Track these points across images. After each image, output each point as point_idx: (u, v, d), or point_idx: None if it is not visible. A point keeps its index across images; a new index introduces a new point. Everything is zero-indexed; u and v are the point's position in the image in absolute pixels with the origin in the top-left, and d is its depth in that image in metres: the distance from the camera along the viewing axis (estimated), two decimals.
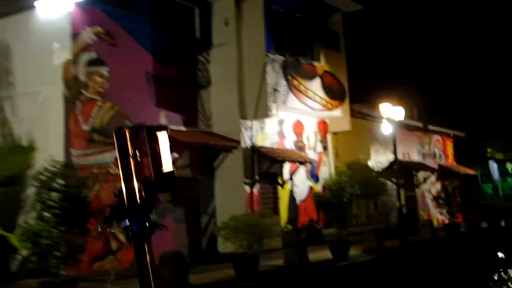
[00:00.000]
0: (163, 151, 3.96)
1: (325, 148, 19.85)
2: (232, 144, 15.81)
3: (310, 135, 19.21)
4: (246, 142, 16.43)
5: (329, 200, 14.86)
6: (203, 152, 15.95)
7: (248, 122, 16.58)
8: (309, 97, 17.98)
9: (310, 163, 18.49)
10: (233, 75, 16.36)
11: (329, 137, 20.10)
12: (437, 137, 29.43)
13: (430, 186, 27.47)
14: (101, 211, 13.08)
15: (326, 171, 19.68)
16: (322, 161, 19.72)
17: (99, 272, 12.76)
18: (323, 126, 19.95)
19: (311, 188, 18.87)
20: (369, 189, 20.44)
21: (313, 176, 19.10)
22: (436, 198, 21.25)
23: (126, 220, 3.83)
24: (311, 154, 19.12)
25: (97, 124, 13.28)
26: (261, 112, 16.23)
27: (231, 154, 16.20)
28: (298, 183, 18.30)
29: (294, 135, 18.49)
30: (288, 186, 17.85)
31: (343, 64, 20.00)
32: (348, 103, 19.83)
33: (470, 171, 30.63)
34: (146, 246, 3.75)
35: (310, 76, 18.16)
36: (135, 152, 3.87)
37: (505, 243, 19.69)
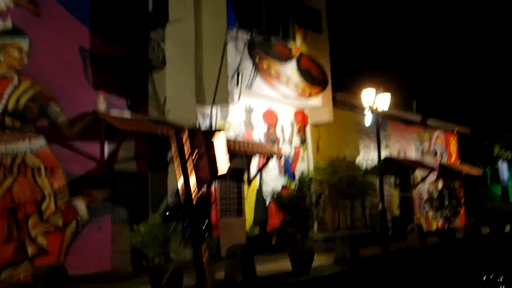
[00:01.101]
0: (219, 154, 4.86)
1: (303, 141, 17.56)
2: None
3: (286, 127, 16.94)
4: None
5: (290, 201, 12.59)
6: (154, 144, 13.76)
7: (208, 110, 14.36)
8: (282, 83, 15.71)
9: (281, 157, 16.19)
10: (191, 55, 14.11)
11: (308, 130, 17.80)
12: (438, 133, 27.00)
13: (430, 187, 25.08)
14: (14, 209, 11.04)
15: (304, 168, 17.36)
16: (300, 156, 17.41)
17: (9, 281, 10.66)
18: (302, 117, 17.66)
19: (284, 187, 16.58)
20: (353, 189, 18.12)
21: (288, 173, 16.81)
22: (428, 200, 18.81)
23: (184, 220, 4.84)
24: (286, 148, 16.86)
25: (11, 106, 11.15)
26: (220, 97, 13.98)
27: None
28: (269, 181, 16.05)
29: (266, 126, 16.22)
30: (256, 183, 15.59)
31: (325, 47, 17.68)
32: (330, 91, 17.52)
33: (476, 171, 28.14)
34: (202, 243, 4.71)
35: (283, 58, 15.89)
36: (192, 154, 4.72)
37: (505, 251, 17.26)
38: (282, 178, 16.56)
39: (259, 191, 15.63)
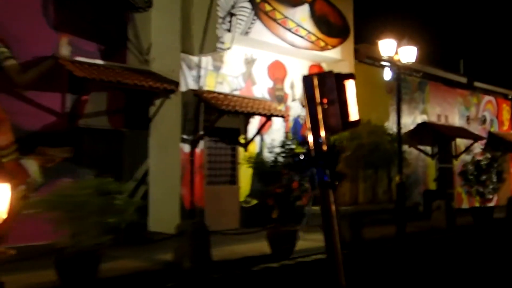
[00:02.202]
0: (350, 99, 4.78)
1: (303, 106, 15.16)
2: (167, 86, 11.52)
3: (296, 83, 14.59)
4: (188, 84, 12.14)
5: (267, 169, 10.43)
6: (133, 97, 11.83)
7: (195, 59, 12.24)
8: (289, 29, 13.33)
9: (288, 117, 13.93)
10: None
11: None
12: (489, 98, 23.90)
13: (474, 158, 22.21)
14: None
15: None
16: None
17: None
18: (317, 71, 15.23)
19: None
20: (377, 157, 15.71)
21: (298, 136, 14.52)
22: (462, 173, 16.16)
23: (313, 168, 4.65)
24: (296, 107, 14.56)
25: None
26: (209, 44, 11.82)
27: (168, 101, 11.95)
28: (272, 145, 13.82)
29: (271, 81, 13.94)
30: (254, 148, 13.44)
31: None
32: (352, 43, 15.00)
33: None
34: (332, 193, 4.62)
35: (293, 1, 13.46)
36: (322, 99, 4.67)
37: None
38: (289, 142, 14.27)
39: (258, 156, 13.46)
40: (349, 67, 14.84)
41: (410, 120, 18.79)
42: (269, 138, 13.71)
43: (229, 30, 11.88)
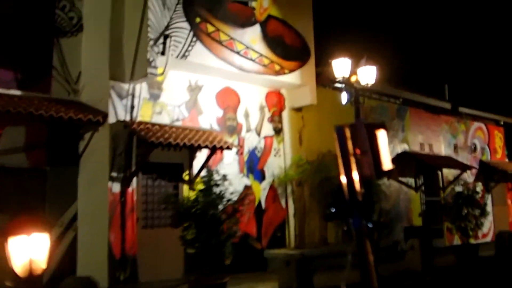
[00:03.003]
0: (382, 149, 4.88)
1: (278, 131, 13.74)
2: (92, 117, 10.11)
3: (252, 111, 13.19)
4: (119, 115, 10.74)
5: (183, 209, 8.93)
6: (58, 130, 10.43)
7: (128, 86, 10.89)
8: (237, 52, 11.98)
9: (230, 149, 12.45)
10: (106, 14, 10.71)
11: (286, 116, 13.95)
12: (478, 124, 22.36)
13: (464, 190, 20.59)
14: None
15: (280, 164, 13.55)
16: (273, 149, 13.61)
17: None
18: (277, 99, 13.86)
19: (247, 188, 12.84)
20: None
21: (254, 170, 13.05)
22: (443, 208, 14.57)
23: (348, 217, 4.77)
24: (252, 139, 13.11)
25: None
26: (139, 69, 10.47)
27: (97, 134, 10.54)
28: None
29: (220, 109, 12.53)
30: (201, 185, 11.91)
31: (306, 8, 13.81)
32: (313, 65, 13.62)
33: None
34: (369, 243, 4.65)
35: (240, 21, 12.16)
36: (355, 149, 4.79)
37: None
38: (244, 177, 12.79)
39: (208, 193, 11.93)
40: (310, 93, 13.47)
41: (389, 149, 17.21)
42: (220, 174, 12.19)
43: (162, 53, 10.52)
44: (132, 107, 10.89)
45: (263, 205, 13.06)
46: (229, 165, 12.40)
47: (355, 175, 4.89)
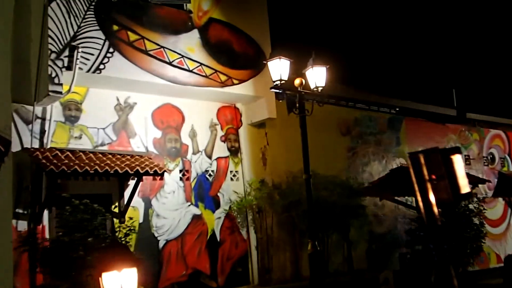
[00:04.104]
0: (459, 173, 4.93)
1: (234, 151, 12.04)
2: None
3: (200, 130, 11.56)
4: (24, 142, 9.28)
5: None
6: None
7: (37, 109, 9.46)
8: (168, 62, 10.42)
9: (188, 176, 10.79)
10: (6, 31, 9.34)
11: (243, 133, 12.25)
12: (496, 132, 20.03)
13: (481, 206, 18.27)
14: None
15: (238, 189, 11.81)
16: (229, 172, 11.91)
17: None
18: (232, 115, 12.21)
19: (196, 218, 11.14)
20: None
21: (205, 198, 11.35)
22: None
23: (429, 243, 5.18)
24: (202, 161, 11.45)
25: None
26: (42, 88, 9.03)
27: (3, 166, 9.06)
28: (166, 211, 10.70)
29: (158, 130, 10.95)
30: (138, 216, 10.31)
31: (260, 8, 12.19)
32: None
33: None
34: (451, 268, 4.74)
35: (173, 27, 10.64)
36: (431, 175, 4.89)
37: None
38: (192, 206, 11.10)
39: (145, 228, 10.32)
40: (268, 105, 11.74)
41: (380, 167, 15.25)
42: (160, 202, 10.57)
43: (68, 68, 9.05)
44: (43, 132, 9.41)
45: (218, 237, 11.31)
46: (171, 193, 10.75)
47: (433, 200, 4.96)
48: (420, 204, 5.04)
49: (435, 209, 4.98)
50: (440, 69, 19.15)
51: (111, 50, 9.66)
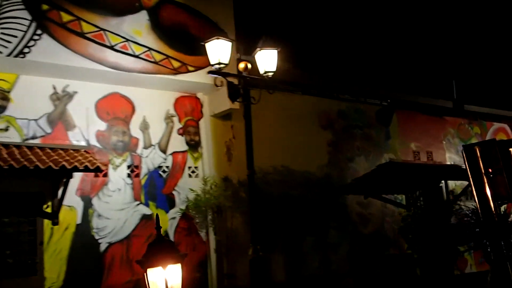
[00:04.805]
0: None
1: (194, 145, 10.97)
2: None
3: (153, 122, 10.50)
4: None
5: None
6: None
7: None
8: (110, 46, 9.37)
9: (136, 172, 9.75)
10: None
11: (205, 125, 11.17)
12: (500, 125, 18.65)
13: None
14: None
15: (197, 186, 10.72)
16: (187, 168, 10.84)
17: None
18: (192, 106, 11.13)
19: (146, 217, 10.08)
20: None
21: (157, 196, 10.30)
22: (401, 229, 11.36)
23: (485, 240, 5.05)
24: (155, 156, 10.39)
25: None
26: None
27: None
28: (108, 211, 9.67)
29: (103, 122, 9.92)
30: (75, 217, 9.29)
31: None
32: (234, 60, 10.77)
33: None
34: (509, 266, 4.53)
35: (117, 8, 9.59)
36: (487, 169, 4.74)
37: None
38: (141, 205, 10.05)
39: (84, 230, 9.29)
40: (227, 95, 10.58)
41: (367, 163, 14.04)
42: (102, 201, 9.55)
43: None
44: None
45: (172, 239, 10.22)
46: (116, 191, 9.71)
47: (489, 195, 4.91)
48: (476, 198, 4.96)
49: (492, 204, 4.89)
50: (436, 58, 17.80)
51: (38, 32, 8.65)
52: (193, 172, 10.83)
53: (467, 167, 5.12)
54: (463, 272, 15.53)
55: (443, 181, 15.08)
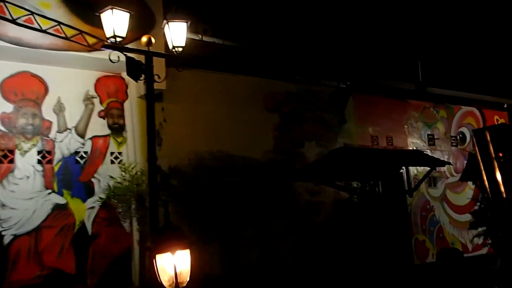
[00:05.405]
0: None
1: (119, 129, 10.16)
2: None
3: (70, 104, 9.69)
4: None
5: None
6: None
7: None
8: (10, 20, 8.49)
9: (47, 158, 8.95)
10: None
11: (131, 107, 10.35)
12: (468, 109, 17.92)
13: (448, 191, 16.40)
14: None
15: (121, 174, 9.93)
16: (109, 154, 10.05)
17: None
18: (117, 86, 10.31)
19: (59, 208, 9.29)
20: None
21: (73, 184, 9.50)
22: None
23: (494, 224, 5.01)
24: (71, 141, 9.59)
25: None
26: None
27: None
28: (14, 201, 8.87)
29: (9, 104, 9.10)
30: None
31: None
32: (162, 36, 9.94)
33: None
34: None
35: None
36: (498, 153, 4.66)
37: None
38: (53, 194, 9.26)
39: None
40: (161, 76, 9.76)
41: (319, 148, 13.29)
42: (7, 190, 8.76)
43: None
44: None
45: (90, 230, 9.48)
46: (24, 179, 8.91)
47: (499, 179, 4.80)
48: (486, 183, 4.88)
49: (502, 188, 4.80)
50: (400, 38, 16.96)
51: None
52: (116, 158, 10.04)
53: (477, 152, 5.06)
54: (425, 262, 14.91)
55: (403, 168, 14.37)
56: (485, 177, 5.05)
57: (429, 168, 14.28)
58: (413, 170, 15.08)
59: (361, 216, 12.57)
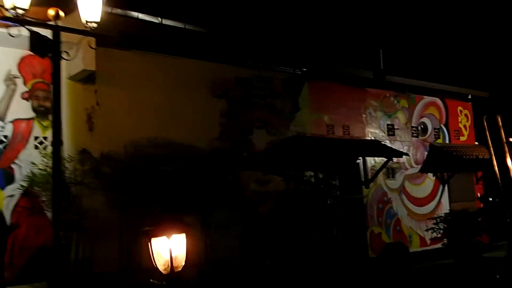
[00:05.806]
0: None
1: (44, 112, 9.46)
2: None
3: None
4: None
5: None
6: None
7: None
8: None
9: None
10: None
11: (61, 89, 9.58)
12: (430, 99, 17.49)
13: (407, 183, 15.99)
14: None
15: (46, 159, 9.24)
16: (33, 138, 9.34)
17: None
18: (42, 66, 9.57)
19: None
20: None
21: None
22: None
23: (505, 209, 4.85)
24: None
25: None
26: None
27: None
28: None
29: None
30: None
31: None
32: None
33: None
34: None
35: None
36: (508, 138, 4.81)
37: None
38: None
39: None
40: (84, 54, 9.09)
41: (269, 136, 12.73)
42: None
43: None
44: None
45: (8, 220, 8.80)
46: None
47: (510, 164, 4.83)
48: (496, 168, 4.89)
49: None
50: (362, 25, 16.47)
51: None
52: (41, 143, 9.35)
53: (488, 136, 5.04)
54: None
55: (360, 158, 13.89)
56: (495, 162, 5.00)
57: (386, 159, 13.88)
58: (370, 160, 14.63)
59: (313, 207, 12.10)
